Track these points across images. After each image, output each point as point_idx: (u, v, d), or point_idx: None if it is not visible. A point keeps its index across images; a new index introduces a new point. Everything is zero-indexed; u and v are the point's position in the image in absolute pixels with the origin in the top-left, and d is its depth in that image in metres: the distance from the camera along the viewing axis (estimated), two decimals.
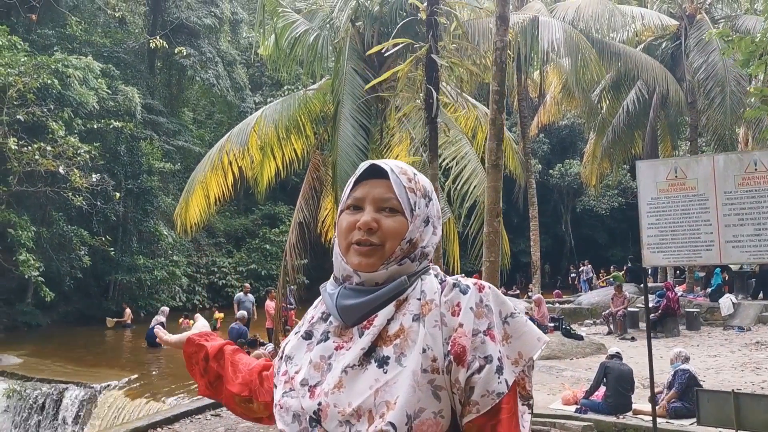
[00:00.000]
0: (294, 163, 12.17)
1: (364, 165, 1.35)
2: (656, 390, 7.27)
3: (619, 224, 32.86)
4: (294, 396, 1.27)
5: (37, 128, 16.75)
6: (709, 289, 17.61)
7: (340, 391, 1.20)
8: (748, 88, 15.60)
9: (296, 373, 1.29)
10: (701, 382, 8.27)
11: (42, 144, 16.14)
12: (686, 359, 8.15)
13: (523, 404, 1.27)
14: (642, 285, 20.91)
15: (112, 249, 19.84)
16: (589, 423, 7.34)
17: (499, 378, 1.19)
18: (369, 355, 1.22)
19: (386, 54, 7.97)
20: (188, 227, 11.77)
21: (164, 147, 22.99)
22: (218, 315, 19.11)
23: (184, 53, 15.53)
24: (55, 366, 13.65)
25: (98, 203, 18.67)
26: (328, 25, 10.84)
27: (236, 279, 25.08)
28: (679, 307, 14.77)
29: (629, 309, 15.49)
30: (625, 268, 24.80)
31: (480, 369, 1.18)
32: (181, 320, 19.91)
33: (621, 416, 7.68)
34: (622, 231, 33.27)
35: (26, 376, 12.53)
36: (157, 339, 1.84)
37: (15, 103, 16.12)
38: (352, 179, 1.36)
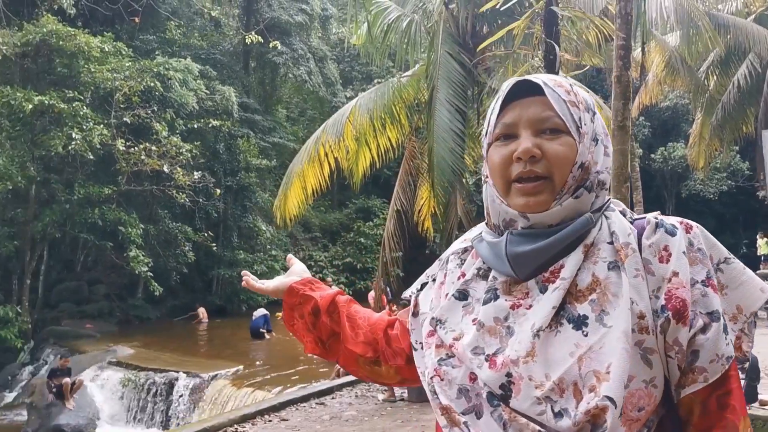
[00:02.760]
0: (389, 152, 12.08)
1: (508, 83, 1.11)
2: None
3: (729, 209, 31.00)
4: (456, 365, 1.06)
5: (143, 129, 17.50)
6: None
7: (533, 360, 0.98)
8: None
9: (455, 339, 1.08)
10: None
11: (147, 144, 16.87)
12: None
13: (738, 367, 1.05)
14: (758, 272, 19.65)
15: (214, 245, 20.54)
16: None
17: (726, 339, 0.97)
18: (558, 315, 1.01)
19: (501, 8, 7.65)
20: (287, 219, 11.91)
21: (260, 144, 23.53)
22: None
23: (279, 48, 15.78)
24: (165, 356, 14.23)
25: (200, 200, 19.33)
26: (420, 10, 10.70)
27: (332, 272, 25.39)
28: None
29: None
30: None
31: (705, 328, 0.97)
32: (278, 315, 20.38)
33: (747, 407, 7.16)
34: (732, 216, 31.38)
35: (139, 366, 13.12)
36: (243, 282, 1.54)
37: (122, 106, 16.91)
38: (496, 103, 1.12)
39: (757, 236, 24.09)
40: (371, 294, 14.80)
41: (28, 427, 12.13)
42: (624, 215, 1.09)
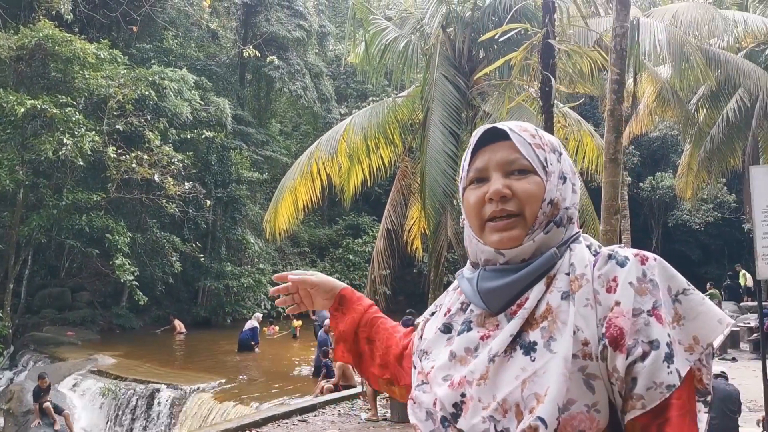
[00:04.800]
0: (381, 171, 12.12)
1: (478, 132, 1.19)
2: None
3: (714, 240, 31.29)
4: (427, 390, 1.14)
5: (135, 138, 17.46)
6: None
7: (485, 383, 1.05)
8: None
9: (432, 367, 1.15)
10: None
11: (139, 153, 16.82)
12: None
13: (699, 400, 1.07)
14: (741, 303, 19.80)
15: (201, 256, 20.45)
16: None
17: (668, 367, 0.99)
18: (515, 341, 1.07)
19: (500, 39, 7.73)
20: (277, 233, 11.89)
21: (253, 157, 23.56)
22: (297, 323, 19.26)
23: (276, 62, 15.82)
24: (147, 367, 14.09)
25: (190, 211, 19.27)
26: (418, 32, 10.79)
27: None
28: None
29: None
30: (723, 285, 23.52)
31: (644, 356, 1.00)
32: (265, 329, 20.25)
33: None
34: (717, 247, 31.66)
35: (120, 376, 12.99)
36: (275, 277, 1.60)
37: (115, 113, 16.87)
38: (468, 150, 1.20)
39: (735, 267, 24.33)
40: None
41: None
42: (590, 248, 1.14)
